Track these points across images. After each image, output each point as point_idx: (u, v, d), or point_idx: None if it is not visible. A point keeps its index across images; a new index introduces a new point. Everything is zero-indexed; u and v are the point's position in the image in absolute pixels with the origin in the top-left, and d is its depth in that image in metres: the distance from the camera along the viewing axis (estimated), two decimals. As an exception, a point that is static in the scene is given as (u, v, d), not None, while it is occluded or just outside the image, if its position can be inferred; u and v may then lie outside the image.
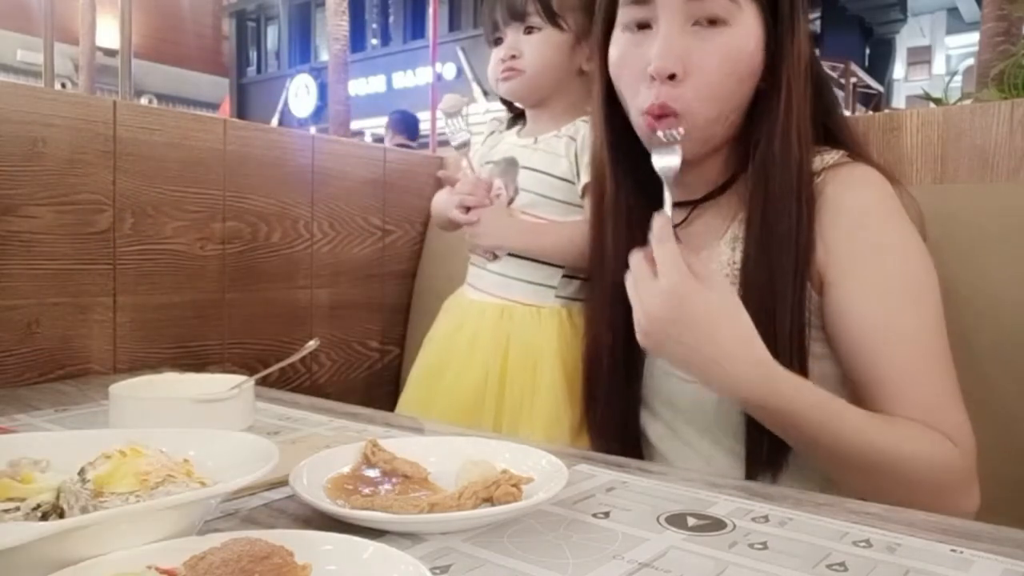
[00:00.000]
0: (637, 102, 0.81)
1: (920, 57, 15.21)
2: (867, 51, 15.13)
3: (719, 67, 0.78)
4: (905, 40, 15.33)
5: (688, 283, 0.69)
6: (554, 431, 1.00)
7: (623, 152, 0.89)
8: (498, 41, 1.12)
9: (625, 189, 0.90)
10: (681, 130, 0.78)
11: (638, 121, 0.82)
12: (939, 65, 14.63)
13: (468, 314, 1.11)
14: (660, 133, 0.78)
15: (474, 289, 1.13)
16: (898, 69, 15.46)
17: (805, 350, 0.80)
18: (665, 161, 0.76)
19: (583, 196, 1.04)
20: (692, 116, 0.79)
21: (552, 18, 1.06)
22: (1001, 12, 4.91)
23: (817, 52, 0.92)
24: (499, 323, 1.06)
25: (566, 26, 1.07)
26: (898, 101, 14.54)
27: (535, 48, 1.07)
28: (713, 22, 0.77)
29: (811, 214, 0.80)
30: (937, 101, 3.68)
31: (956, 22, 14.03)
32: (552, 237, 1.05)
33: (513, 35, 1.09)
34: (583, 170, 1.04)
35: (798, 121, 0.80)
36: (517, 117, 1.20)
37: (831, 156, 0.84)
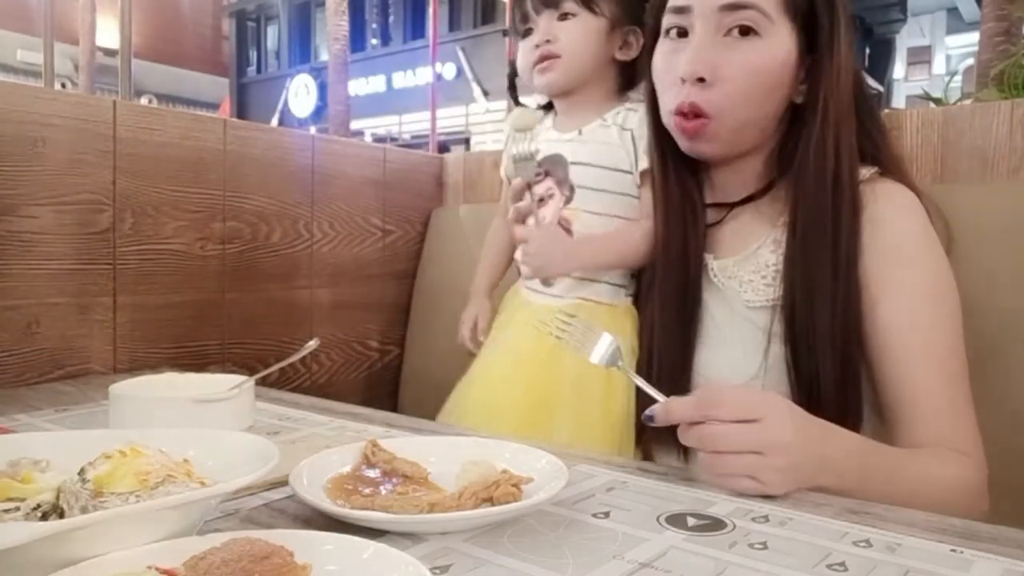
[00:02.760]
0: (666, 101, 0.87)
1: (920, 57, 15.21)
2: (867, 51, 15.12)
3: (746, 75, 0.82)
4: (905, 40, 15.32)
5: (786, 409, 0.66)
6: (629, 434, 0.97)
7: (669, 153, 0.94)
8: (527, 33, 1.09)
9: (676, 187, 0.95)
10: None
11: (668, 121, 0.88)
12: (939, 65, 14.63)
13: (539, 316, 1.02)
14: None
15: (535, 292, 1.08)
16: (898, 69, 15.44)
17: (850, 347, 0.81)
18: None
19: (641, 184, 1.02)
20: (721, 118, 0.84)
21: (588, 3, 1.04)
22: (1001, 12, 4.91)
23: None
24: None
25: (600, 12, 1.04)
26: (898, 101, 14.53)
27: (572, 34, 1.05)
28: (745, 33, 0.82)
29: (854, 224, 0.82)
30: (937, 101, 3.68)
31: (956, 22, 14.03)
32: (605, 255, 1.01)
33: (546, 22, 1.06)
34: (642, 156, 1.01)
35: (836, 134, 0.82)
36: (544, 110, 1.16)
37: (866, 171, 0.85)
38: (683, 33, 0.85)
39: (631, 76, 1.08)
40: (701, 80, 0.82)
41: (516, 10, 1.10)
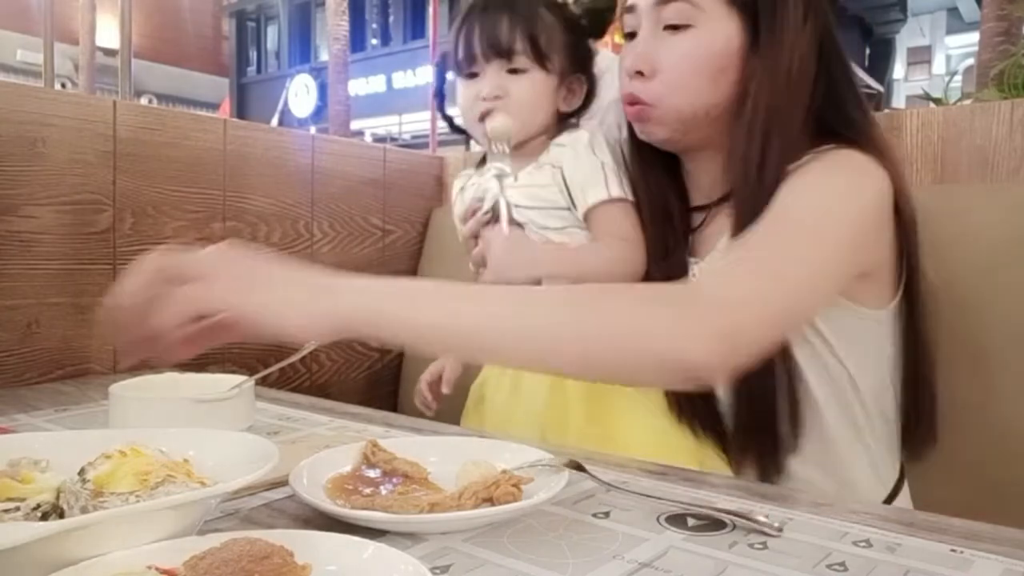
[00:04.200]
0: (621, 94, 0.91)
1: (920, 57, 15.22)
2: (867, 51, 15.14)
3: (682, 66, 0.84)
4: (905, 40, 15.34)
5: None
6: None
7: (647, 158, 0.95)
8: (471, 75, 1.02)
9: (653, 190, 0.95)
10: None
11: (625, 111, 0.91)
12: (939, 65, 14.64)
13: None
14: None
15: None
16: (898, 69, 15.46)
17: (788, 347, 0.80)
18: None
19: (585, 220, 0.98)
20: (663, 106, 0.86)
21: (541, 60, 0.99)
22: (1001, 12, 4.91)
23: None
24: None
25: (551, 68, 1.00)
26: (898, 101, 14.54)
27: (522, 91, 0.99)
28: (676, 26, 0.84)
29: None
30: (937, 101, 3.68)
31: (956, 22, 14.04)
32: (568, 266, 0.95)
33: (495, 73, 1.00)
34: (577, 194, 0.97)
35: (766, 124, 0.80)
36: (483, 161, 1.11)
37: (826, 148, 0.81)
38: (633, 34, 0.89)
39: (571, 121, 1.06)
40: (640, 74, 0.86)
41: (462, 50, 1.02)
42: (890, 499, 0.85)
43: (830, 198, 0.76)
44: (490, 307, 0.63)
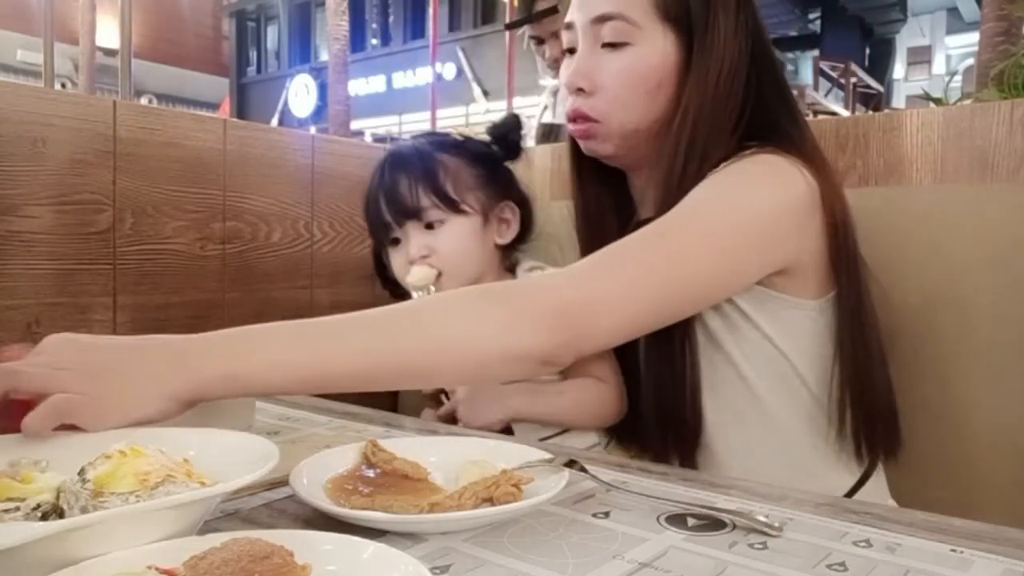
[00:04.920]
0: (566, 110, 0.90)
1: (920, 57, 15.21)
2: (867, 51, 15.13)
3: (621, 82, 0.85)
4: (905, 40, 15.33)
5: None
6: None
7: (587, 175, 0.96)
8: (395, 241, 1.01)
9: (593, 202, 0.96)
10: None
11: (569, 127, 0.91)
12: (939, 65, 14.64)
13: None
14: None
15: None
16: (898, 69, 15.45)
17: (696, 362, 0.83)
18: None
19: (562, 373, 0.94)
20: (607, 123, 0.87)
21: (453, 206, 0.96)
22: (1001, 12, 4.91)
23: (775, 58, 0.90)
24: None
25: (470, 209, 0.97)
26: (898, 101, 14.53)
27: (448, 243, 0.97)
28: (614, 43, 0.85)
29: None
30: (937, 101, 3.68)
31: (956, 22, 14.04)
32: (540, 408, 0.91)
33: (415, 234, 0.98)
34: None
35: (692, 133, 0.82)
36: None
37: (747, 152, 0.81)
38: (574, 50, 0.89)
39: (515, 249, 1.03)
40: (581, 90, 0.87)
41: (376, 220, 1.00)
42: (853, 491, 0.85)
43: (733, 198, 0.77)
44: (345, 344, 0.64)
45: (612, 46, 0.85)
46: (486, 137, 1.04)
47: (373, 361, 0.64)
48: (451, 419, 0.95)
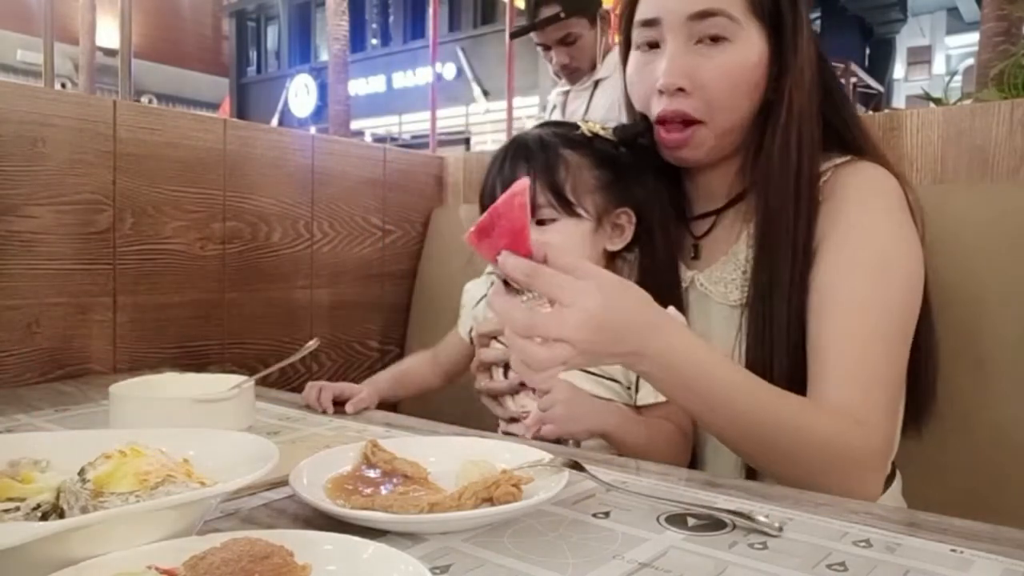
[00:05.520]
0: (650, 113, 0.87)
1: (920, 57, 15.21)
2: (867, 51, 15.13)
3: (723, 81, 0.83)
4: (905, 40, 15.33)
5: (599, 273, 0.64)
6: None
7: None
8: None
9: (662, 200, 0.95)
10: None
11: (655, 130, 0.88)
12: (939, 65, 14.63)
13: None
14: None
15: None
16: (898, 69, 15.45)
17: (801, 348, 0.80)
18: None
19: (638, 409, 0.90)
20: (711, 124, 0.85)
21: (568, 207, 0.91)
22: (1001, 12, 4.91)
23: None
24: None
25: (585, 213, 0.92)
26: (898, 101, 14.54)
27: (553, 242, 0.87)
28: (715, 40, 0.82)
29: (811, 216, 0.82)
30: (937, 101, 3.68)
31: (956, 22, 14.04)
32: (629, 433, 0.86)
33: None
34: (642, 383, 0.89)
35: (799, 129, 0.83)
36: None
37: (840, 159, 0.85)
38: (654, 45, 0.86)
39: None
40: (681, 90, 0.83)
41: (489, 203, 0.96)
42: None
43: (891, 235, 0.80)
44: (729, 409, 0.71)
45: (713, 41, 0.82)
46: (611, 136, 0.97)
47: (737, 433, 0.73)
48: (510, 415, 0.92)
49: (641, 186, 0.94)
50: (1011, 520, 0.56)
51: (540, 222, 0.93)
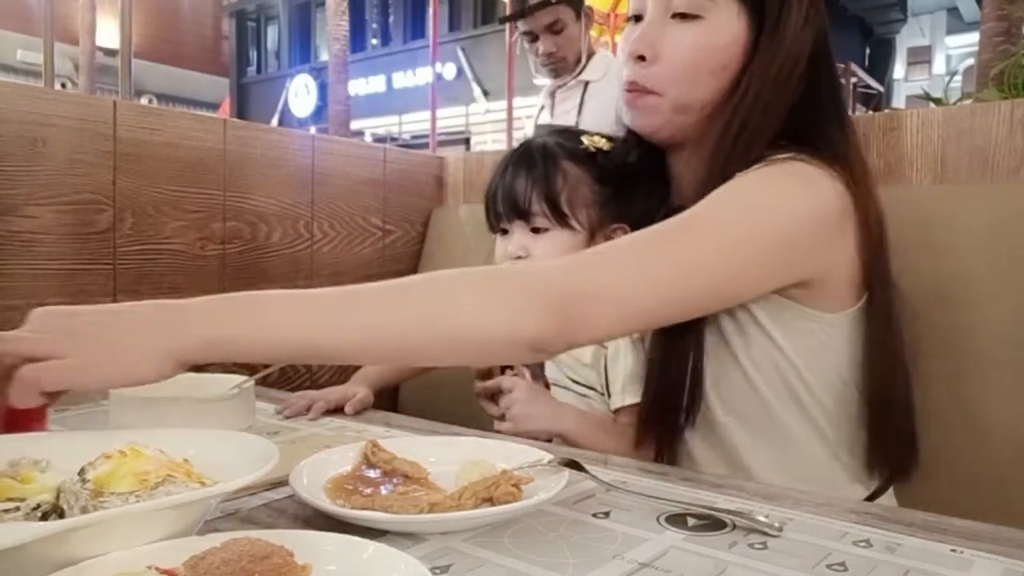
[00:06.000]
0: (622, 78, 0.88)
1: (920, 57, 15.22)
2: (867, 51, 15.14)
3: (686, 56, 0.83)
4: (905, 40, 15.34)
5: None
6: None
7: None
8: (504, 231, 1.01)
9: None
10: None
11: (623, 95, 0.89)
12: (939, 65, 14.63)
13: None
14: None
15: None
16: (898, 69, 15.46)
17: (701, 356, 0.82)
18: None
19: (615, 411, 0.93)
20: (664, 96, 0.85)
21: (562, 219, 0.94)
22: (1001, 12, 4.92)
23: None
24: None
25: (578, 226, 0.94)
26: (898, 101, 14.54)
27: (545, 252, 0.95)
28: (684, 16, 0.83)
29: None
30: (937, 101, 3.68)
31: (956, 22, 14.04)
32: (586, 435, 0.89)
33: (520, 233, 0.97)
34: (615, 386, 0.93)
35: (747, 117, 0.81)
36: None
37: (782, 154, 0.80)
38: (640, 18, 0.87)
39: None
40: (642, 58, 0.84)
41: (490, 210, 1.01)
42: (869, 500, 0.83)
43: (758, 206, 0.75)
44: (337, 319, 0.63)
45: (683, 17, 0.82)
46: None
47: (364, 336, 0.63)
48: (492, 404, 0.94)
49: (641, 202, 0.94)
50: (1011, 520, 0.57)
51: (534, 230, 0.95)
